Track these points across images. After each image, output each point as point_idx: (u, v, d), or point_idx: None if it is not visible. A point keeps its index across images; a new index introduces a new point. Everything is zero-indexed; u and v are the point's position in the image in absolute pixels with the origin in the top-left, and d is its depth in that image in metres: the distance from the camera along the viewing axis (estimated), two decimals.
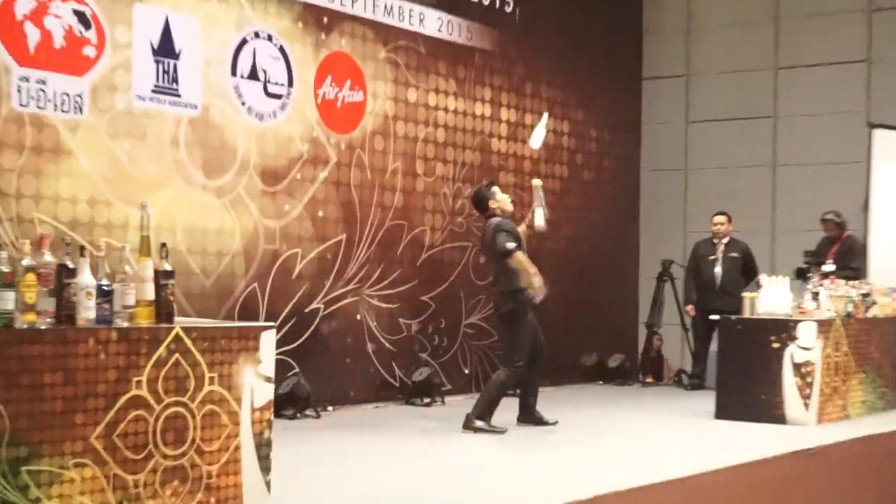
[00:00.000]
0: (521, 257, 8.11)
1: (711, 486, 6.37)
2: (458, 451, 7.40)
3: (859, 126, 12.15)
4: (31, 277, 4.19)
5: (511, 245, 8.08)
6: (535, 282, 8.12)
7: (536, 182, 8.84)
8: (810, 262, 10.48)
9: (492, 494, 5.71)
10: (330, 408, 9.11)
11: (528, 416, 8.50)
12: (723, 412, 8.86)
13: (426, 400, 9.81)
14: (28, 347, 4.12)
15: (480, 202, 8.55)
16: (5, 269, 4.14)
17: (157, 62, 8.25)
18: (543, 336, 8.57)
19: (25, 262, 4.24)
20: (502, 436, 7.96)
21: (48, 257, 4.33)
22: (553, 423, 8.48)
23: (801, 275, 10.11)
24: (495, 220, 8.33)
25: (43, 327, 4.21)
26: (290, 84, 9.24)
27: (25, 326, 4.16)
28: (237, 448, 4.77)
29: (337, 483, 6.06)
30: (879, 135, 11.86)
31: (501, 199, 8.42)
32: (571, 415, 9.24)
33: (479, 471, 6.64)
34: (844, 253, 10.95)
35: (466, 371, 10.72)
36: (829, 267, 10.09)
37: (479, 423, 8.07)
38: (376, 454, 7.21)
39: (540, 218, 8.62)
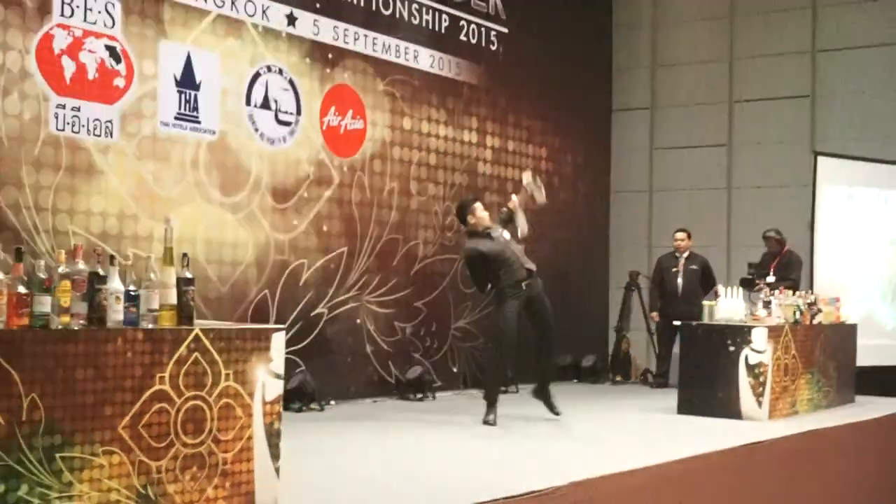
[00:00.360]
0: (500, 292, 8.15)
1: (674, 474, 6.35)
2: (444, 440, 7.37)
3: (805, 153, 12.20)
4: (65, 283, 4.16)
5: (484, 289, 8.41)
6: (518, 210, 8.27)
7: (527, 178, 8.72)
8: (754, 274, 10.48)
9: (471, 477, 5.67)
10: (332, 402, 9.06)
11: (543, 398, 8.45)
12: (684, 408, 8.83)
13: (419, 395, 9.78)
14: (63, 346, 4.08)
15: (460, 213, 8.53)
16: (43, 275, 4.11)
17: (180, 92, 8.23)
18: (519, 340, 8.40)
19: (61, 269, 4.20)
20: (489, 426, 7.94)
21: (81, 265, 4.29)
22: (557, 415, 8.40)
23: (746, 284, 10.12)
24: (467, 246, 8.37)
25: (76, 328, 4.17)
26: (299, 113, 9.22)
27: (60, 327, 4.12)
28: (250, 438, 4.73)
29: (339, 468, 6.03)
30: (823, 161, 11.90)
31: (480, 216, 8.31)
32: (546, 409, 9.21)
33: (461, 458, 6.61)
34: (784, 266, 10.98)
35: (455, 369, 10.69)
36: (770, 278, 10.12)
37: (486, 417, 8.03)
38: (374, 443, 7.18)
39: (539, 194, 8.56)
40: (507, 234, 8.34)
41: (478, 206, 8.42)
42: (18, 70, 7.15)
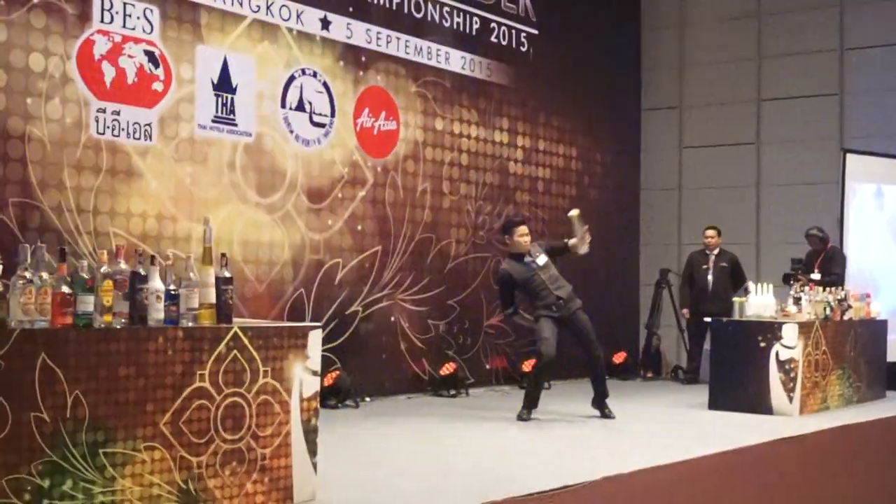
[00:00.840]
0: (518, 321, 8.51)
1: (706, 469, 6.30)
2: (479, 435, 7.36)
3: (833, 151, 12.08)
4: (108, 283, 4.18)
5: (505, 312, 8.66)
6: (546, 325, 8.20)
7: (574, 213, 8.62)
8: (796, 269, 10.39)
9: (506, 472, 5.66)
10: (368, 398, 9.08)
11: (595, 403, 8.50)
12: (715, 403, 8.77)
13: (452, 392, 9.77)
14: (105, 345, 4.10)
15: (503, 230, 8.63)
16: (86, 276, 4.13)
17: (217, 96, 8.26)
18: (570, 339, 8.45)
19: (103, 269, 4.22)
20: (523, 422, 8.00)
21: (123, 266, 4.32)
22: (611, 417, 8.36)
23: (788, 280, 10.05)
24: (501, 266, 8.54)
25: (118, 327, 4.19)
26: (333, 115, 9.23)
27: (103, 326, 4.15)
28: (288, 434, 4.74)
29: (375, 463, 6.03)
30: (851, 159, 11.78)
31: (517, 241, 8.28)
32: (581, 405, 9.17)
33: (495, 453, 6.59)
34: (828, 262, 10.86)
35: (487, 366, 10.67)
36: (815, 276, 10.05)
37: (519, 413, 8.14)
38: (409, 439, 7.18)
39: (583, 247, 8.50)
40: (542, 259, 8.30)
41: (518, 229, 8.33)
42: (60, 75, 7.20)
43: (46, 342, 3.92)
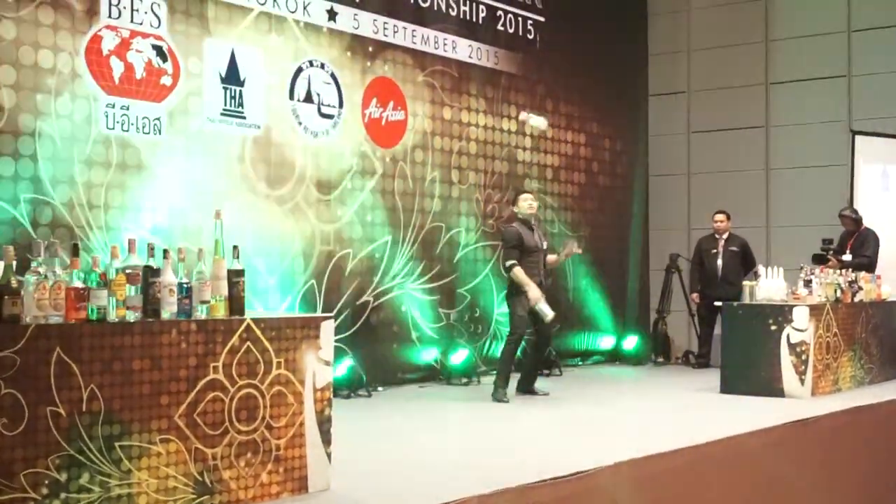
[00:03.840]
0: (518, 274, 8.46)
1: (718, 453, 6.31)
2: (492, 422, 7.38)
3: (842, 133, 12.04)
4: (121, 277, 4.20)
5: (510, 262, 8.54)
6: (531, 295, 8.43)
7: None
8: (826, 249, 10.38)
9: (519, 459, 5.67)
10: (380, 388, 9.09)
11: (524, 387, 8.80)
12: (728, 387, 8.78)
13: (464, 380, 9.77)
14: (119, 338, 4.12)
15: (514, 199, 9.02)
16: (99, 270, 4.15)
17: (225, 89, 8.27)
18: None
19: (116, 264, 4.24)
20: (539, 404, 8.14)
21: (135, 260, 4.34)
22: (544, 394, 8.71)
23: (819, 260, 10.05)
24: (511, 225, 8.81)
25: (132, 320, 4.21)
26: (341, 105, 9.23)
27: (117, 320, 4.16)
28: (302, 424, 4.76)
29: (389, 452, 6.05)
30: (860, 140, 11.75)
31: (519, 207, 8.83)
32: (591, 390, 9.21)
33: (508, 441, 6.61)
34: (860, 244, 10.82)
35: (499, 354, 10.66)
36: (847, 256, 10.03)
37: (495, 393, 8.37)
38: (422, 427, 7.20)
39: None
40: (544, 244, 8.83)
41: (525, 196, 8.86)
42: (69, 71, 7.21)
43: (61, 336, 3.94)
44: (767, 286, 8.95)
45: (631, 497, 5.57)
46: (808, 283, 8.96)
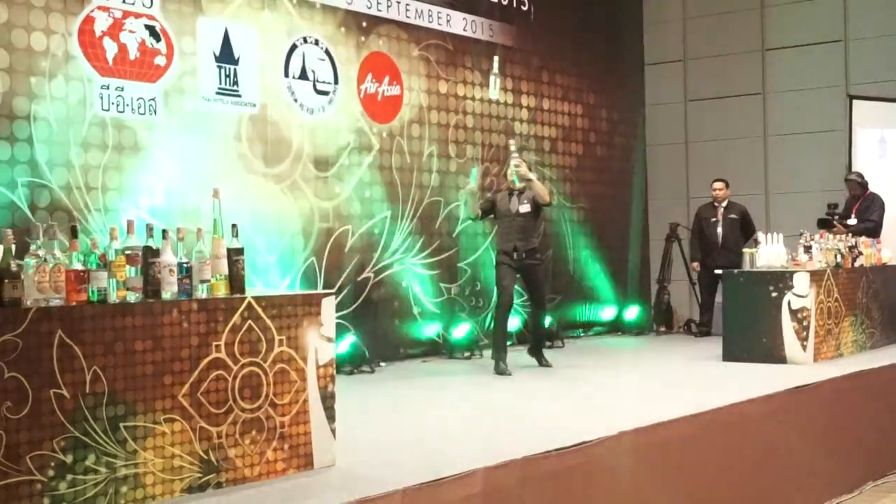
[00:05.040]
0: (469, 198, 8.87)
1: (722, 420, 6.33)
2: (495, 395, 7.39)
3: (839, 98, 12.02)
4: (121, 259, 4.19)
5: (475, 214, 8.88)
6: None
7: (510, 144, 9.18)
8: (832, 214, 10.38)
9: (523, 431, 5.69)
10: (382, 364, 9.10)
11: (535, 355, 8.90)
12: (730, 355, 8.80)
13: (466, 354, 9.79)
14: (121, 319, 4.12)
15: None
16: (98, 252, 4.15)
17: (220, 67, 8.24)
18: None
19: (115, 245, 4.23)
20: (543, 375, 8.23)
21: (134, 241, 4.33)
22: (546, 365, 8.76)
23: (824, 225, 10.04)
24: (491, 193, 9.11)
25: (133, 301, 4.21)
26: (336, 82, 9.20)
27: (118, 301, 4.16)
28: (305, 401, 4.77)
29: (393, 428, 6.06)
30: (857, 105, 11.73)
31: (507, 172, 8.87)
32: (594, 361, 9.22)
33: (512, 412, 6.62)
34: (865, 208, 10.81)
35: None
36: (852, 221, 10.02)
37: (497, 367, 8.44)
38: (426, 402, 7.22)
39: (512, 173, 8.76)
40: (525, 208, 8.66)
41: (512, 163, 8.79)
42: (62, 53, 7.18)
43: (62, 319, 3.94)
44: (767, 253, 8.95)
45: (634, 466, 5.59)
46: (808, 249, 8.96)
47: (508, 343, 8.78)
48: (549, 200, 8.77)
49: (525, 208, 8.62)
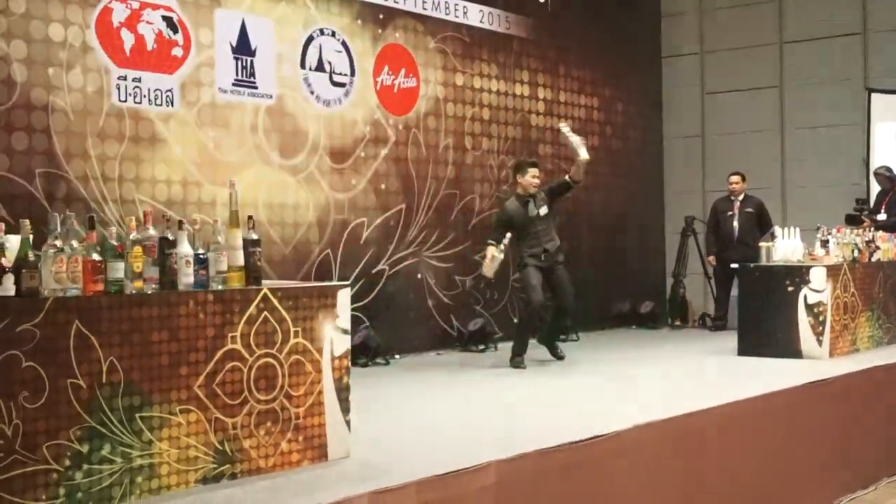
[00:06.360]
0: (489, 251, 8.45)
1: (738, 414, 6.31)
2: (509, 388, 7.39)
3: (857, 91, 11.95)
4: (137, 250, 4.21)
5: (490, 242, 8.49)
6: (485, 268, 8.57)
7: (562, 127, 8.91)
8: (859, 209, 10.31)
9: (537, 424, 5.69)
10: (397, 356, 9.12)
11: (547, 345, 8.89)
12: (745, 349, 8.76)
13: (480, 347, 9.80)
14: (137, 310, 4.13)
15: (515, 170, 8.88)
16: (115, 242, 4.16)
17: (237, 59, 8.25)
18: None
19: (132, 236, 4.25)
20: (556, 369, 8.24)
21: (151, 231, 4.34)
22: (560, 357, 8.78)
23: (852, 221, 9.99)
24: (506, 203, 8.75)
25: (149, 292, 4.22)
26: (353, 74, 9.20)
27: (134, 292, 4.18)
28: (320, 392, 4.78)
29: (407, 420, 6.08)
30: (876, 98, 11.67)
31: (526, 182, 8.59)
32: (609, 354, 9.21)
33: (525, 405, 6.63)
34: (894, 201, 10.73)
35: (515, 320, 10.65)
36: (881, 216, 9.96)
37: (513, 360, 8.44)
38: (440, 394, 7.23)
39: (581, 152, 8.56)
40: (544, 210, 8.58)
41: (531, 170, 8.64)
42: (80, 45, 7.21)
43: (79, 309, 3.95)
44: (784, 247, 8.91)
45: (648, 460, 5.59)
46: (824, 244, 8.91)
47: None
48: (581, 178, 8.77)
49: (544, 210, 8.58)
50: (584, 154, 8.62)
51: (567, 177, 8.76)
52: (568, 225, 11.28)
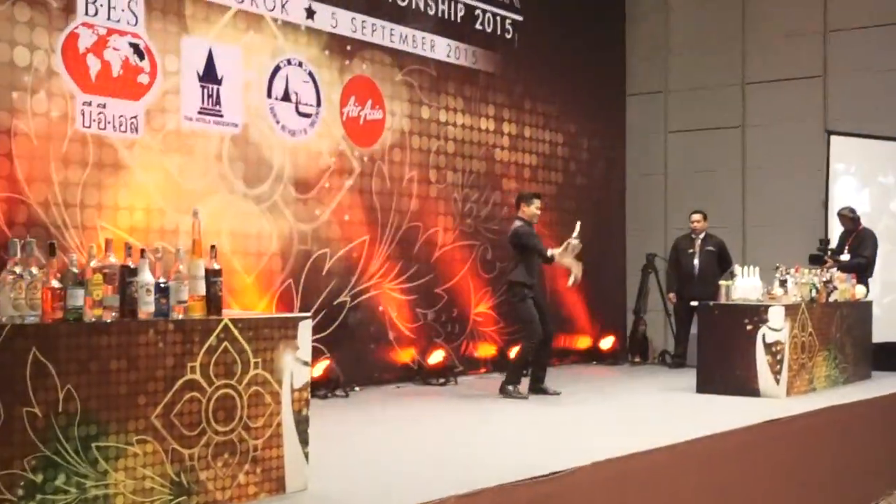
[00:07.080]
0: (559, 258, 8.71)
1: (696, 452, 6.35)
2: (469, 423, 7.39)
3: (818, 133, 12.13)
4: (98, 277, 4.19)
5: (550, 252, 8.71)
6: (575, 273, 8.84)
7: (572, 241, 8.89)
8: (823, 250, 10.42)
9: (497, 459, 5.69)
10: (357, 388, 9.08)
11: (536, 387, 8.81)
12: (704, 387, 8.83)
13: (441, 380, 9.79)
14: (96, 338, 4.11)
15: (520, 199, 9.05)
16: (75, 270, 4.13)
17: (203, 87, 8.25)
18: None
19: (93, 263, 4.23)
20: (516, 404, 8.27)
21: (112, 259, 4.32)
22: (556, 394, 8.74)
23: (815, 261, 10.09)
24: (521, 226, 8.83)
25: (109, 320, 4.19)
26: (319, 104, 9.23)
27: (94, 320, 4.15)
28: (279, 424, 4.76)
29: (366, 453, 6.05)
30: (836, 141, 11.84)
31: (528, 211, 8.86)
32: (570, 390, 9.23)
33: (485, 440, 6.62)
34: (858, 243, 10.85)
35: (476, 354, 10.69)
36: (845, 257, 10.08)
37: (508, 388, 8.59)
38: (399, 428, 7.21)
39: (573, 277, 8.91)
40: None
41: (535, 202, 8.93)
42: (45, 69, 7.18)
43: (37, 336, 3.92)
44: (743, 286, 9.00)
45: (607, 496, 5.60)
46: (783, 283, 9.02)
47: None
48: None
49: None
50: (574, 279, 8.96)
51: (550, 251, 8.81)
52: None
